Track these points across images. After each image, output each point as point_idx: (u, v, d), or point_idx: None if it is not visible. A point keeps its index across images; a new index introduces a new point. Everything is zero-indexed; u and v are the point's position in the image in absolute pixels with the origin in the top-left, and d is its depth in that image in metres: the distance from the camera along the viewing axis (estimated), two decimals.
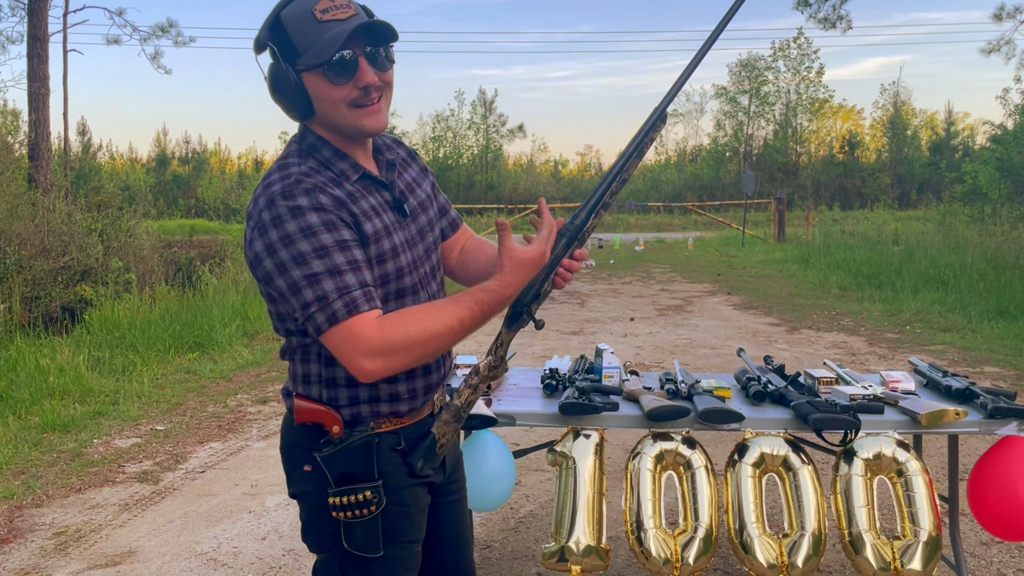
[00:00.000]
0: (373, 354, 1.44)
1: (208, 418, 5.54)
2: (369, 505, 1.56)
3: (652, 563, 2.44)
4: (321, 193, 1.48)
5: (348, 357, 1.46)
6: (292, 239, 1.44)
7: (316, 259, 1.43)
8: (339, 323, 1.44)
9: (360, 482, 1.56)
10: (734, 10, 1.67)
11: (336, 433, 1.57)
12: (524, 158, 43.51)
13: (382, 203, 1.60)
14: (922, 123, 40.95)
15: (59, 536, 3.67)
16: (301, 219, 1.44)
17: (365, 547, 1.58)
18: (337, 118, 1.53)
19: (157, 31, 18.21)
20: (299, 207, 1.45)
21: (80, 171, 28.65)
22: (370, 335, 1.44)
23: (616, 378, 2.94)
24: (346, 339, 1.44)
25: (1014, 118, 20.27)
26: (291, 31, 1.49)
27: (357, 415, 1.59)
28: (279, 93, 1.54)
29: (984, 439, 4.21)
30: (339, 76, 1.49)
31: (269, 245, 1.45)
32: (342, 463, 1.55)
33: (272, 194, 1.47)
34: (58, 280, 8.90)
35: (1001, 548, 3.40)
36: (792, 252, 16.63)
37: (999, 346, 7.49)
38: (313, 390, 1.59)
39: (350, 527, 1.57)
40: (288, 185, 1.47)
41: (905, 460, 2.52)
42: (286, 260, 1.44)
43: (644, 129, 1.61)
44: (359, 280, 1.46)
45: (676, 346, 7.78)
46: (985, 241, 13.43)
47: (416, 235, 1.67)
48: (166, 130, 53.57)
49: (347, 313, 1.44)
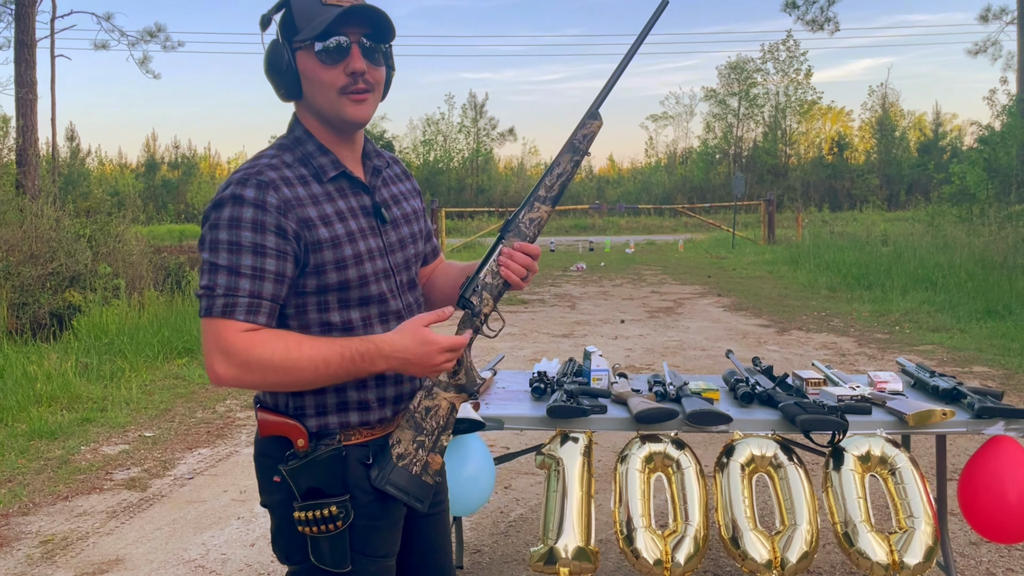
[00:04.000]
0: (229, 361, 1.44)
1: (197, 424, 5.51)
2: (335, 520, 1.52)
3: (642, 564, 2.43)
4: (273, 190, 1.47)
5: (207, 352, 1.46)
6: (219, 225, 1.45)
7: (225, 251, 1.44)
8: (211, 317, 1.44)
9: (326, 496, 1.52)
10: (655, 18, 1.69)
11: (301, 447, 1.52)
12: (515, 161, 43.62)
13: (356, 207, 1.58)
14: (910, 124, 41.21)
15: (46, 544, 3.64)
16: (237, 208, 1.45)
17: (332, 562, 1.54)
18: (323, 102, 1.53)
19: (145, 35, 18.17)
20: (241, 197, 1.45)
21: (68, 176, 28.56)
22: (232, 341, 1.43)
23: (604, 381, 2.93)
24: (209, 335, 1.45)
25: (1001, 119, 20.38)
26: (295, 8, 1.50)
27: (324, 427, 1.56)
28: (272, 69, 1.54)
29: (973, 439, 4.22)
30: (329, 57, 1.49)
31: (205, 220, 1.49)
32: (308, 477, 1.52)
33: (232, 178, 1.49)
34: (46, 286, 8.85)
35: (990, 548, 3.40)
36: (782, 253, 16.68)
37: (987, 346, 7.52)
38: (280, 397, 1.56)
39: (316, 542, 1.54)
40: (248, 173, 1.48)
41: (895, 456, 2.52)
42: (205, 240, 1.47)
43: (576, 128, 1.66)
44: (253, 288, 1.45)
45: (667, 348, 7.78)
46: (973, 241, 13.49)
47: (396, 243, 1.64)
48: (155, 135, 53.50)
49: (222, 312, 1.44)
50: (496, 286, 1.60)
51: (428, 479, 1.60)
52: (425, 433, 1.58)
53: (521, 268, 1.60)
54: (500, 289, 1.61)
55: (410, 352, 1.49)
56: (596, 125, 1.65)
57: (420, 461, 1.58)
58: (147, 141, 41.46)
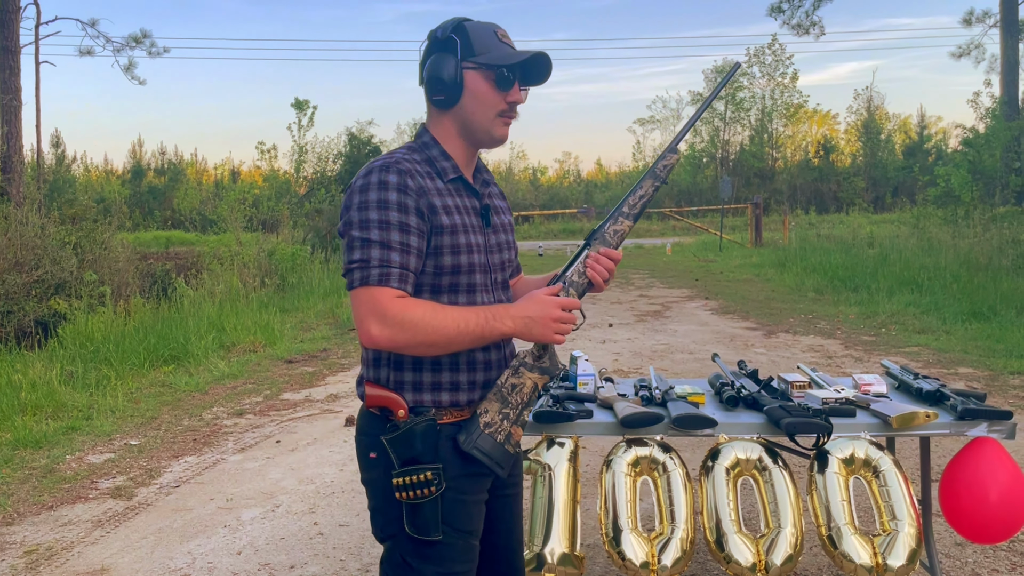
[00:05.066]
0: (384, 323, 1.61)
1: (183, 432, 5.48)
2: (430, 485, 1.65)
3: (629, 567, 2.44)
4: (410, 177, 1.67)
5: (362, 318, 1.62)
6: (367, 205, 1.64)
7: (377, 229, 1.63)
8: (367, 286, 1.62)
9: (421, 463, 1.65)
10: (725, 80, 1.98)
11: (401, 417, 1.68)
12: (503, 166, 43.50)
13: (468, 207, 1.78)
14: (895, 127, 41.44)
15: (30, 554, 3.61)
16: (383, 191, 1.64)
17: (425, 529, 1.67)
18: (480, 117, 1.75)
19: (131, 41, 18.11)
20: (386, 182, 1.64)
21: (54, 183, 28.38)
22: (388, 305, 1.61)
23: (591, 385, 2.93)
24: (366, 302, 1.62)
25: (985, 121, 20.56)
26: (472, 35, 1.73)
27: (419, 403, 1.71)
28: (437, 77, 1.72)
29: (958, 441, 4.25)
30: (502, 84, 1.74)
31: (350, 205, 1.67)
32: (405, 447, 1.66)
33: (372, 166, 1.68)
34: (31, 294, 8.79)
35: (976, 549, 3.42)
36: (769, 256, 16.75)
37: (973, 347, 7.57)
38: (382, 372, 1.73)
39: (412, 509, 1.67)
40: (388, 162, 1.67)
41: (878, 458, 2.53)
42: (354, 220, 1.65)
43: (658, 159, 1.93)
44: (402, 261, 1.64)
45: (654, 352, 7.80)
46: (958, 243, 13.59)
47: (495, 245, 1.85)
48: (141, 141, 53.11)
49: (378, 280, 1.62)
50: (581, 284, 1.80)
51: (510, 448, 1.74)
52: (510, 407, 1.74)
53: (605, 272, 1.81)
54: (584, 287, 1.81)
55: (532, 311, 1.71)
56: (675, 158, 1.91)
57: (504, 431, 1.73)
58: (133, 147, 41.17)
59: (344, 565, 3.39)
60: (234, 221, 14.05)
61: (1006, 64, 20.63)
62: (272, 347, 8.36)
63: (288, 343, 8.55)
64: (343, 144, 31.88)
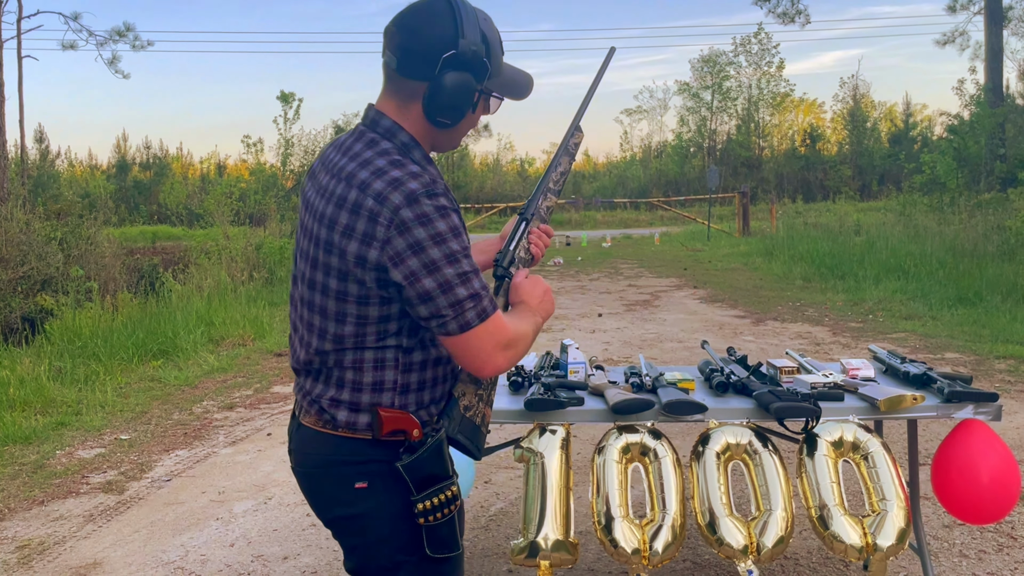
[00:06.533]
0: (508, 347, 1.55)
1: (173, 426, 5.47)
2: (455, 501, 1.59)
3: (620, 554, 2.45)
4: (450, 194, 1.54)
5: (489, 352, 1.52)
6: (444, 238, 1.46)
7: (464, 259, 1.49)
8: (488, 318, 1.51)
9: (441, 481, 1.57)
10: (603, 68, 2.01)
11: (416, 437, 1.56)
12: (490, 157, 43.49)
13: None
14: (881, 115, 41.63)
15: (22, 549, 3.61)
16: (448, 219, 1.48)
17: (446, 547, 1.60)
18: (461, 134, 1.69)
19: (114, 35, 17.99)
20: (444, 207, 1.48)
21: (38, 179, 28.16)
22: (507, 329, 1.55)
23: (581, 373, 2.95)
24: (492, 333, 1.52)
25: (970, 108, 20.68)
26: (492, 54, 1.62)
27: (423, 420, 1.61)
28: (457, 107, 1.58)
29: (945, 425, 4.29)
30: (493, 106, 1.71)
31: (416, 243, 1.45)
32: (424, 467, 1.55)
33: (413, 192, 1.46)
34: (17, 290, 8.74)
35: (963, 531, 3.46)
36: (757, 245, 16.82)
37: (959, 332, 7.64)
38: (384, 398, 1.57)
39: (435, 530, 1.58)
40: (427, 184, 1.48)
41: (867, 441, 2.56)
42: (438, 259, 1.46)
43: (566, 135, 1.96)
44: (485, 283, 1.57)
45: (644, 340, 7.83)
46: (944, 230, 13.68)
47: None
48: (126, 135, 52.53)
49: (492, 308, 1.53)
50: (527, 260, 1.84)
51: (484, 430, 1.71)
52: (483, 387, 1.70)
53: (544, 247, 1.86)
54: (529, 263, 1.84)
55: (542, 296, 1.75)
56: (580, 136, 1.98)
57: (480, 413, 1.70)
58: (118, 142, 40.71)
59: (337, 556, 3.39)
60: (221, 215, 14.00)
61: (990, 51, 20.75)
62: (261, 341, 8.34)
63: (277, 336, 8.53)
64: (329, 137, 31.77)
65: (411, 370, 1.58)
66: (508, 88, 1.70)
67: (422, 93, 1.56)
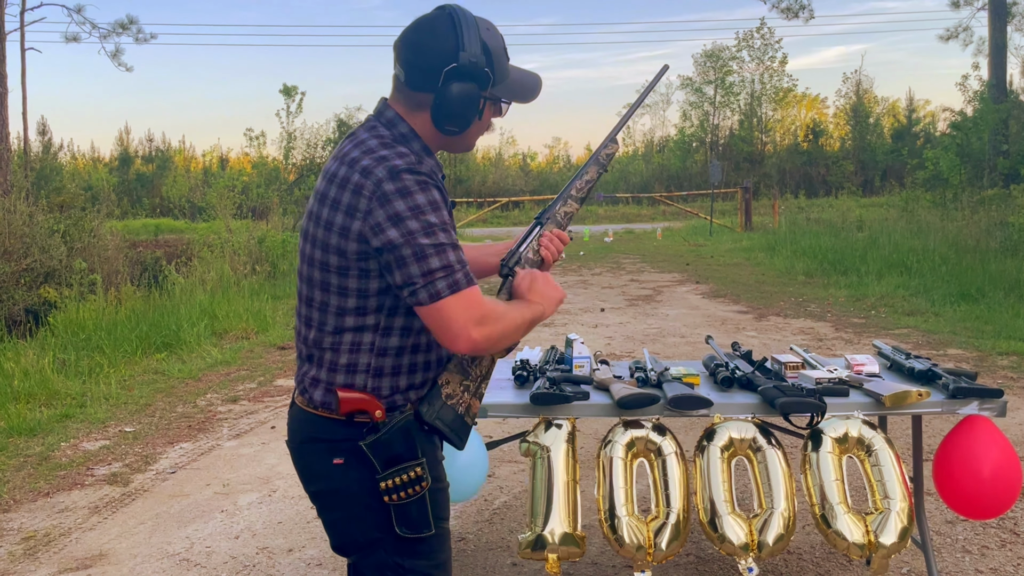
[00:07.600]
0: (483, 322, 1.55)
1: (177, 418, 5.49)
2: (421, 482, 1.62)
3: (625, 549, 2.47)
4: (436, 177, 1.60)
5: (461, 325, 1.53)
6: (422, 210, 1.53)
7: (441, 231, 1.54)
8: (460, 291, 1.54)
9: (406, 461, 1.62)
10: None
11: (379, 418, 1.62)
12: (493, 151, 43.36)
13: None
14: (884, 111, 41.49)
15: (28, 541, 3.62)
16: (428, 192, 1.54)
17: (420, 526, 1.64)
18: (472, 139, 1.75)
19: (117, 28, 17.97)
20: (425, 182, 1.55)
21: (41, 171, 28.12)
22: (482, 303, 1.56)
23: (587, 368, 2.95)
24: (464, 307, 1.54)
25: (973, 104, 20.63)
26: (496, 61, 1.67)
27: (393, 403, 1.66)
28: (462, 116, 1.65)
29: (949, 421, 4.30)
30: (501, 110, 1.76)
31: (395, 215, 1.52)
32: (387, 447, 1.61)
33: (395, 167, 1.54)
34: (21, 283, 8.75)
35: (966, 526, 3.47)
36: (759, 240, 16.80)
37: (961, 328, 7.64)
38: (358, 379, 1.64)
39: (404, 508, 1.63)
40: (411, 162, 1.56)
41: (871, 437, 2.56)
42: (415, 229, 1.52)
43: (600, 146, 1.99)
44: (465, 258, 1.60)
45: (646, 335, 7.83)
46: (947, 226, 13.66)
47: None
48: (129, 128, 52.35)
49: (467, 283, 1.55)
50: (535, 262, 1.86)
51: (469, 420, 1.73)
52: (471, 379, 1.73)
53: (556, 251, 1.87)
54: (537, 264, 1.86)
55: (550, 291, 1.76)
56: (615, 148, 2.00)
57: (464, 403, 1.72)
58: (120, 135, 40.68)
59: None
60: (223, 208, 14.01)
61: (994, 47, 20.70)
62: (264, 334, 8.36)
63: (280, 330, 8.55)
64: (332, 130, 31.69)
65: (386, 355, 1.64)
66: (515, 92, 1.74)
67: (430, 104, 1.65)
